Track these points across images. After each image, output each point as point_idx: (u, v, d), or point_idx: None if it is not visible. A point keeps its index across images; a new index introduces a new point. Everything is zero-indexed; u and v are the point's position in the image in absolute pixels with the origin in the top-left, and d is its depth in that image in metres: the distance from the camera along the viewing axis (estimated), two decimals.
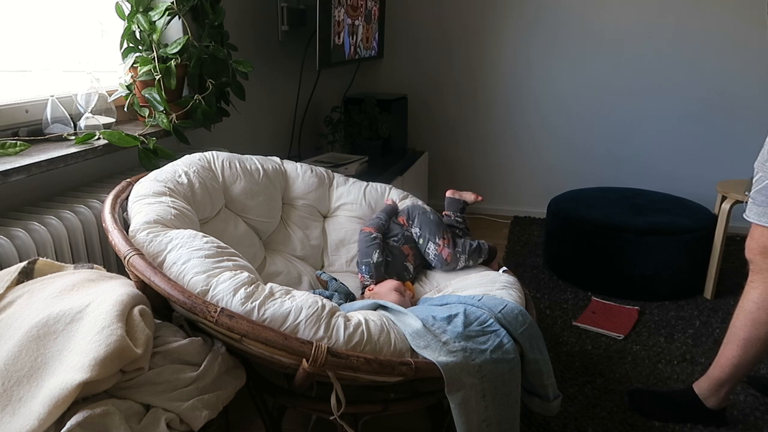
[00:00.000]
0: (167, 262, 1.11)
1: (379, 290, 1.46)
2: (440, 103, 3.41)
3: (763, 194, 1.34)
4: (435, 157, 3.48)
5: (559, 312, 2.23)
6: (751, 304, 1.41)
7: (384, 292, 1.43)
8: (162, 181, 1.39)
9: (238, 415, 1.60)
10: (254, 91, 2.37)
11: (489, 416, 1.12)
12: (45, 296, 1.00)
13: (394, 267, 1.59)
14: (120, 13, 1.67)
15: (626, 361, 1.90)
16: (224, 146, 2.07)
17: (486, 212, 3.48)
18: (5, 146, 1.30)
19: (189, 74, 1.75)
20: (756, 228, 1.38)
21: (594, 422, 1.60)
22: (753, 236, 1.39)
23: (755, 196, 1.36)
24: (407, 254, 1.64)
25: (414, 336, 1.10)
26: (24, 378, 0.86)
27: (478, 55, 3.27)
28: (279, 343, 0.98)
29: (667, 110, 3.08)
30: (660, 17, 2.95)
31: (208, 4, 1.77)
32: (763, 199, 1.34)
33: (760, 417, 1.62)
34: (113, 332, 0.89)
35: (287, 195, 1.77)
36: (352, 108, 2.86)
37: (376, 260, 1.56)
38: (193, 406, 0.96)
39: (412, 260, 1.63)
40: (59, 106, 1.48)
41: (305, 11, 2.67)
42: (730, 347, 1.46)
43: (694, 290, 2.37)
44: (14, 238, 1.18)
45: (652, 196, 2.62)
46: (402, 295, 1.42)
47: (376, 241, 1.59)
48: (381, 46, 3.15)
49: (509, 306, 1.25)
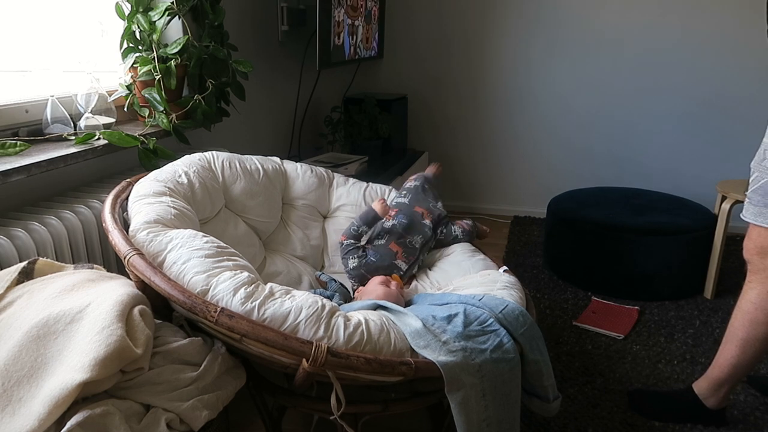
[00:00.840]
0: (167, 262, 1.11)
1: (366, 288, 1.46)
2: (440, 103, 3.42)
3: (759, 194, 1.34)
4: (435, 157, 3.48)
5: (559, 312, 2.23)
6: (748, 305, 1.41)
7: (370, 289, 1.44)
8: (162, 181, 1.39)
9: (238, 415, 1.60)
10: (254, 91, 2.37)
11: (489, 416, 1.12)
12: (45, 296, 1.00)
13: (381, 267, 1.58)
14: (120, 13, 1.67)
15: (626, 361, 1.90)
16: (224, 146, 2.07)
17: (486, 212, 3.48)
18: (5, 146, 1.31)
19: (189, 74, 1.75)
20: (753, 228, 1.38)
21: (594, 422, 1.60)
22: (750, 236, 1.39)
23: (752, 196, 1.36)
24: (396, 251, 1.63)
25: (414, 335, 1.10)
26: (24, 378, 0.86)
27: (478, 55, 3.27)
28: (279, 343, 0.98)
29: (667, 110, 3.08)
30: (660, 17, 2.95)
31: (208, 4, 1.77)
32: (760, 198, 1.34)
33: (760, 417, 1.62)
34: (113, 332, 0.89)
35: (287, 195, 1.77)
36: (352, 108, 2.86)
37: (352, 266, 1.59)
38: (193, 406, 0.96)
39: (402, 257, 1.62)
40: (59, 106, 1.48)
41: (305, 11, 2.67)
42: (728, 347, 1.46)
43: (694, 290, 2.37)
44: (14, 238, 1.18)
45: (652, 196, 2.62)
46: (388, 286, 1.43)
47: (350, 248, 1.61)
48: (381, 46, 3.15)
49: (510, 306, 1.25)
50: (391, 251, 1.62)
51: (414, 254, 1.65)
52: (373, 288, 1.43)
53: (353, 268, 1.58)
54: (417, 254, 1.66)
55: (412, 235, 1.67)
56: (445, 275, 1.62)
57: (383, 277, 1.50)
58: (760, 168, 1.33)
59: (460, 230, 1.77)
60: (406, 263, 1.62)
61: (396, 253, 1.62)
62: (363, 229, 1.64)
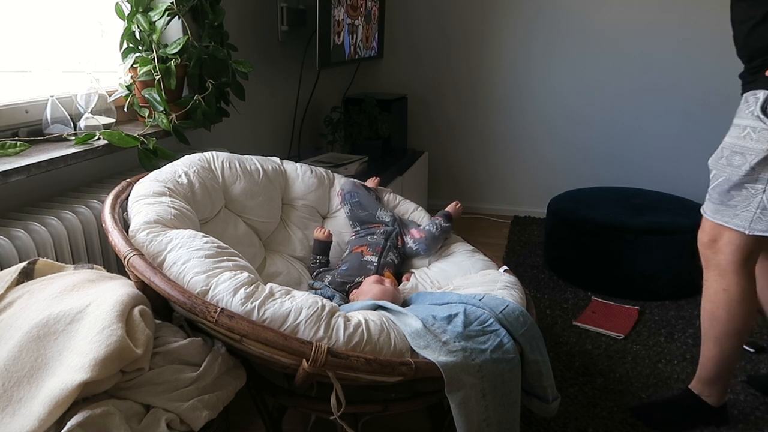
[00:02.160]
0: (167, 263, 1.11)
1: (361, 289, 1.46)
2: (440, 103, 3.41)
3: (717, 191, 1.37)
4: (435, 157, 3.48)
5: (559, 312, 2.23)
6: (708, 304, 1.45)
7: (365, 289, 1.44)
8: (162, 181, 1.39)
9: (238, 415, 1.60)
10: (254, 91, 2.37)
11: (489, 416, 1.12)
12: (45, 297, 1.00)
13: (353, 269, 1.58)
14: (120, 14, 1.67)
15: (626, 361, 1.90)
16: (224, 146, 2.07)
17: (486, 212, 3.48)
18: (5, 146, 1.30)
19: (189, 74, 1.75)
20: (706, 221, 1.42)
21: (594, 422, 1.60)
22: (704, 229, 1.43)
23: (711, 193, 1.40)
24: (360, 251, 1.63)
25: (414, 336, 1.10)
26: (24, 378, 0.86)
27: (478, 54, 3.27)
28: (279, 343, 0.98)
29: (667, 110, 3.08)
30: (660, 17, 2.94)
31: (208, 4, 1.77)
32: (717, 196, 1.37)
33: (760, 417, 1.62)
34: (113, 332, 0.89)
35: (287, 195, 1.77)
36: (352, 108, 2.86)
37: (328, 282, 1.57)
38: (193, 406, 0.96)
39: (369, 253, 1.61)
40: (59, 106, 1.48)
41: (305, 11, 2.67)
42: (706, 346, 1.48)
43: (694, 290, 2.37)
44: (14, 238, 1.18)
45: (652, 196, 2.62)
46: (382, 284, 1.43)
47: (320, 272, 1.61)
48: (381, 46, 3.15)
49: (510, 306, 1.25)
50: (357, 254, 1.63)
51: (379, 245, 1.64)
52: (369, 288, 1.43)
53: (330, 283, 1.58)
54: (383, 244, 1.64)
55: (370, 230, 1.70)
56: (445, 275, 1.62)
57: (376, 276, 1.51)
58: (717, 165, 1.36)
59: (412, 241, 1.69)
60: (375, 255, 1.61)
61: (361, 252, 1.63)
62: (320, 259, 1.65)
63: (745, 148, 1.26)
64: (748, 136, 1.25)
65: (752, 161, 1.25)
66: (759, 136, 1.23)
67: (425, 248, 1.68)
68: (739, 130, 1.28)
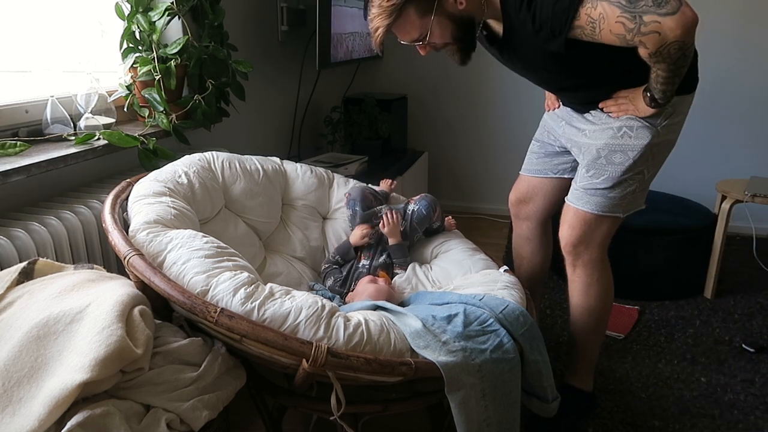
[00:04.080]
0: (167, 263, 1.11)
1: (357, 290, 1.48)
2: (440, 103, 3.41)
3: (599, 188, 1.42)
4: (435, 157, 3.48)
5: (559, 312, 2.23)
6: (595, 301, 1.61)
7: (360, 290, 1.45)
8: (162, 181, 1.39)
9: (238, 415, 1.60)
10: (254, 91, 2.37)
11: (489, 416, 1.12)
12: (45, 297, 1.00)
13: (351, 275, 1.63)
14: (120, 14, 1.67)
15: (626, 360, 1.90)
16: (224, 146, 2.07)
17: (486, 212, 3.48)
18: (5, 146, 1.30)
19: (189, 74, 1.74)
20: (584, 216, 1.47)
21: (594, 422, 1.60)
22: (574, 225, 1.49)
23: (591, 191, 1.44)
24: (355, 256, 1.69)
25: (414, 336, 1.10)
26: (24, 378, 0.86)
27: (478, 54, 3.25)
28: (279, 343, 0.98)
29: None
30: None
31: (208, 4, 1.77)
32: (600, 192, 1.42)
33: (760, 416, 1.62)
34: (113, 332, 0.89)
35: (287, 195, 1.77)
36: (352, 108, 2.86)
37: (328, 285, 1.62)
38: (193, 406, 0.96)
39: (362, 258, 1.67)
40: (59, 106, 1.48)
41: (305, 11, 2.66)
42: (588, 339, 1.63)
43: (694, 290, 2.37)
44: (14, 238, 1.18)
45: (653, 196, 2.61)
46: (376, 283, 1.45)
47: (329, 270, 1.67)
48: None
49: (511, 306, 1.25)
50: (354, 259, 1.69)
51: (370, 249, 1.68)
52: (363, 288, 1.44)
53: (329, 287, 1.62)
54: (373, 246, 1.68)
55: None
56: (445, 274, 1.62)
57: (369, 276, 1.53)
58: (595, 166, 1.40)
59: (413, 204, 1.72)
60: (367, 259, 1.66)
61: (357, 257, 1.69)
62: (338, 259, 1.69)
63: (625, 145, 1.35)
64: (626, 135, 1.34)
65: (634, 156, 1.34)
66: (637, 134, 1.33)
67: (426, 204, 1.70)
68: (614, 131, 1.36)
